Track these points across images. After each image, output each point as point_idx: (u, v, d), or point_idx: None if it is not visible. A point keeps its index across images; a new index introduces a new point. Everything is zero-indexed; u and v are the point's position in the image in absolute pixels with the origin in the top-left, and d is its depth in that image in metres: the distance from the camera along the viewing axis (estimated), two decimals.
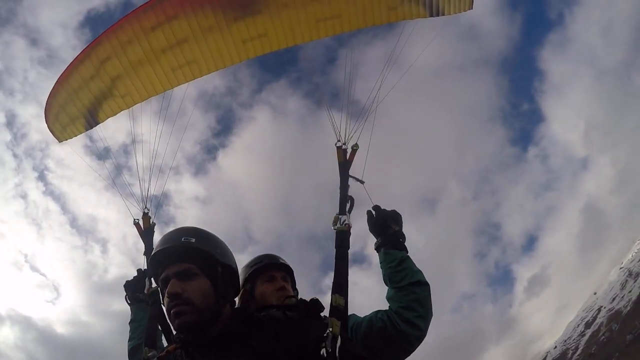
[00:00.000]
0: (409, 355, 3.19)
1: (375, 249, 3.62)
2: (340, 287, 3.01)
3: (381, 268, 3.51)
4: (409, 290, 3.25)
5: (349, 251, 3.28)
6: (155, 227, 4.48)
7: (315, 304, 2.64)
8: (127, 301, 4.40)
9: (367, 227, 3.70)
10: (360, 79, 4.34)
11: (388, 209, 3.67)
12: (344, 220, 3.43)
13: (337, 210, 3.54)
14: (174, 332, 2.49)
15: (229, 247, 2.70)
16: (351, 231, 3.41)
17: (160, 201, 4.62)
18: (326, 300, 2.86)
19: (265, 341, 2.35)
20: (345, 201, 3.59)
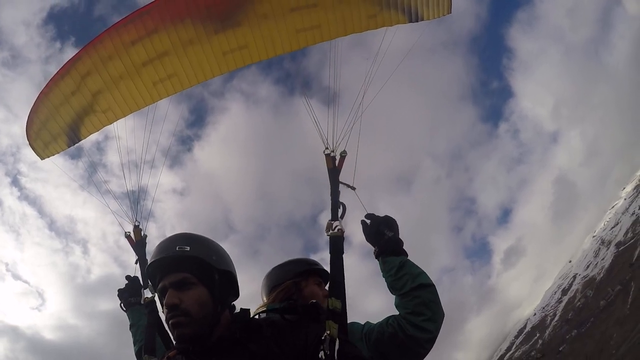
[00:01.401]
0: (423, 357, 3.17)
1: (375, 257, 3.60)
2: (337, 290, 2.97)
3: (383, 277, 3.49)
4: (413, 295, 3.23)
5: (343, 255, 3.24)
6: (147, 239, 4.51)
7: (314, 307, 2.69)
8: (122, 308, 4.42)
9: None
10: (345, 86, 4.36)
11: (381, 214, 3.67)
12: (337, 226, 3.40)
13: (330, 217, 3.52)
14: (174, 341, 2.48)
15: (226, 251, 2.69)
16: (344, 236, 3.38)
17: (145, 206, 4.64)
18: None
19: (264, 345, 2.37)
20: (337, 207, 3.59)
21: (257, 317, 2.71)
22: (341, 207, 3.60)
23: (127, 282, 4.48)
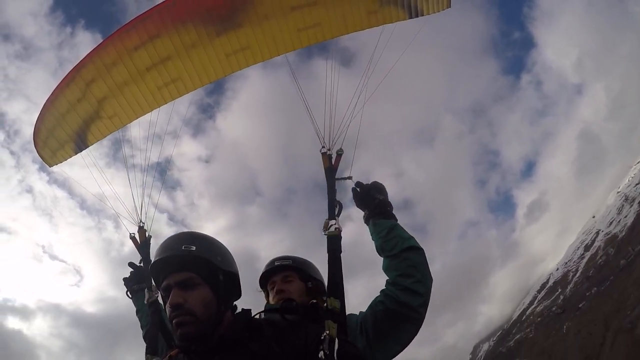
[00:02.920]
0: (420, 323, 3.15)
1: (365, 222, 3.66)
2: (335, 290, 3.00)
3: (372, 240, 3.53)
4: (403, 257, 3.25)
5: (341, 255, 3.26)
6: (152, 239, 4.56)
7: (314, 307, 2.74)
8: (127, 295, 4.49)
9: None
10: (342, 82, 4.34)
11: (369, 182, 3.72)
12: (334, 225, 3.41)
13: (327, 216, 3.53)
14: (176, 341, 2.49)
15: (229, 251, 2.71)
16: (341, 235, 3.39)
17: (149, 209, 4.71)
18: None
19: (265, 345, 2.40)
20: (334, 206, 3.59)
21: (257, 317, 2.73)
22: (338, 206, 3.60)
23: (131, 270, 4.56)
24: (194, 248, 2.46)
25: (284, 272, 3.75)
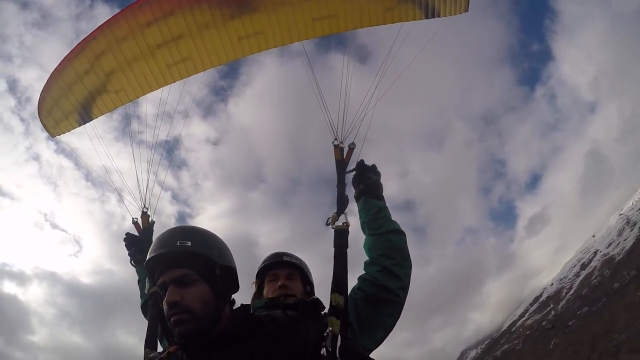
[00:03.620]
0: (400, 306, 3.21)
1: (355, 198, 3.76)
2: (340, 286, 2.96)
3: (360, 216, 3.64)
4: (386, 238, 3.37)
5: (347, 250, 3.23)
6: (155, 225, 4.53)
7: (315, 304, 2.71)
8: (131, 264, 4.41)
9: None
10: (358, 77, 4.33)
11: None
12: (342, 220, 3.40)
13: (331, 208, 3.53)
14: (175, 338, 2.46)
15: (226, 244, 2.64)
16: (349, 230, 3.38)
17: (153, 195, 4.67)
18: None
19: (265, 342, 2.36)
20: (343, 200, 3.59)
21: (258, 312, 2.70)
22: (347, 200, 3.61)
23: (131, 238, 4.49)
24: (189, 244, 2.40)
25: (289, 269, 3.71)
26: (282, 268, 3.70)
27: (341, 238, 3.27)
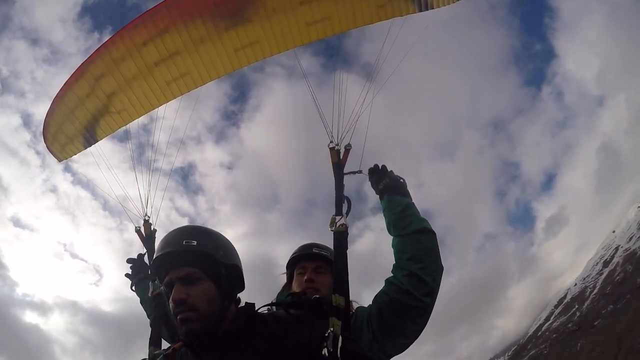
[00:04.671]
0: (427, 313, 3.02)
1: (378, 196, 3.57)
2: (340, 287, 2.93)
3: (384, 216, 3.43)
4: (414, 239, 3.14)
5: (347, 251, 3.17)
6: (157, 233, 4.50)
7: (319, 303, 2.69)
8: (132, 289, 4.41)
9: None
10: (352, 78, 4.31)
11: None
12: (341, 222, 3.33)
13: (334, 212, 3.44)
14: (181, 336, 2.46)
15: (231, 243, 2.66)
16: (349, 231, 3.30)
17: (155, 202, 4.67)
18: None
19: (268, 340, 2.36)
20: (342, 202, 3.49)
21: (265, 310, 2.70)
22: (346, 202, 3.50)
23: (130, 265, 4.49)
24: (195, 243, 2.43)
25: (318, 261, 3.59)
26: (312, 260, 3.59)
27: (340, 240, 3.22)
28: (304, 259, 3.63)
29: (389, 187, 3.49)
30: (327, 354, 2.31)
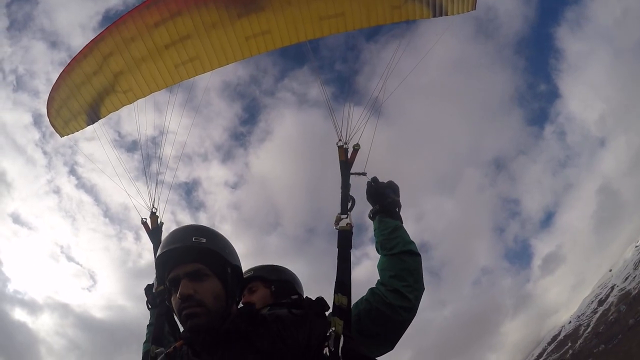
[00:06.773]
0: (402, 328, 3.11)
1: (370, 217, 3.64)
2: (343, 286, 2.94)
3: (375, 236, 3.51)
4: (400, 259, 3.24)
5: (351, 251, 3.20)
6: (163, 226, 4.46)
7: (320, 303, 2.65)
8: (147, 306, 4.14)
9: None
10: (364, 78, 4.31)
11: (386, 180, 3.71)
12: (346, 220, 3.35)
13: (339, 210, 3.47)
14: (182, 330, 2.48)
15: (233, 245, 2.67)
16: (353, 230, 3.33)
17: (163, 191, 4.60)
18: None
19: (269, 340, 2.35)
20: (347, 201, 3.54)
21: (264, 310, 2.71)
22: (351, 201, 3.55)
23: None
24: (204, 240, 2.44)
25: (249, 284, 3.62)
26: (245, 287, 3.60)
27: (344, 238, 3.24)
28: (242, 288, 3.60)
29: (381, 209, 3.58)
30: (328, 354, 2.30)
